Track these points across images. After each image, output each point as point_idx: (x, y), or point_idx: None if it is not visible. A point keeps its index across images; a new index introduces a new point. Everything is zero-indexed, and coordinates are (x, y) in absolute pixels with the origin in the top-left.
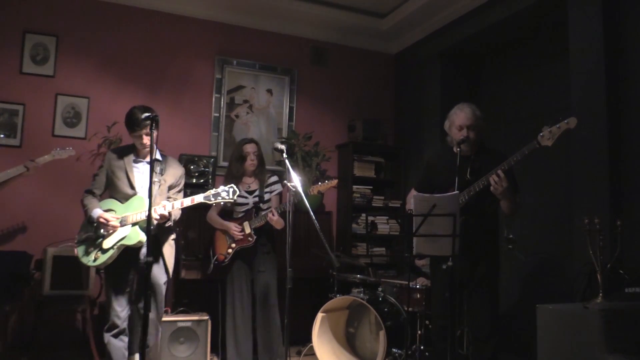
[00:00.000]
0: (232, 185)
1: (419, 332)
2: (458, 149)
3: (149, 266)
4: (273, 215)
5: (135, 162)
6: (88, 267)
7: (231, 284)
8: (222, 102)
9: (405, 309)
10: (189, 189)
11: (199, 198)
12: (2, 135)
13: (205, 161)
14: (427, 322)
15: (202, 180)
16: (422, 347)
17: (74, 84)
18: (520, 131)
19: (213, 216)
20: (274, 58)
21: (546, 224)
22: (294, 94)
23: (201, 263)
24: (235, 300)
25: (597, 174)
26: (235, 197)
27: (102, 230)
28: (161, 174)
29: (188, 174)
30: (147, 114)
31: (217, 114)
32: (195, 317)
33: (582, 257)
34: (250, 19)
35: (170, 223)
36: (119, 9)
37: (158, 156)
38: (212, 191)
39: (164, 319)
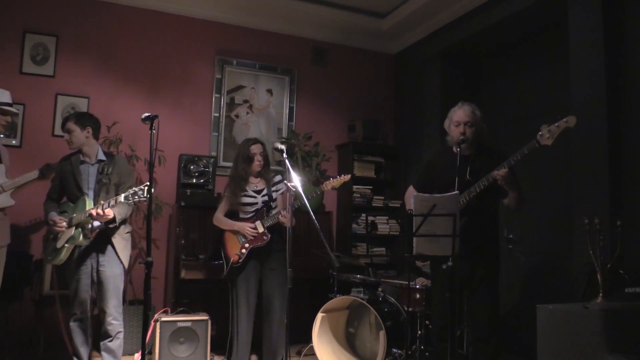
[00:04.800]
0: (147, 183)
1: (419, 332)
2: (458, 149)
3: (148, 266)
4: (285, 214)
5: (82, 164)
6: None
7: (242, 284)
8: (222, 102)
9: (405, 309)
10: (189, 189)
11: (120, 198)
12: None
13: (205, 161)
14: (427, 322)
15: (202, 180)
16: (422, 347)
17: (74, 84)
18: (520, 131)
19: (221, 217)
20: (274, 58)
21: (546, 224)
22: (294, 94)
23: (201, 263)
24: (242, 299)
25: (597, 174)
26: (147, 195)
27: (53, 232)
28: (105, 173)
29: (188, 174)
30: (147, 114)
31: (217, 114)
32: (195, 317)
33: (582, 257)
34: (250, 19)
35: (115, 224)
36: (119, 9)
37: (101, 156)
38: (131, 191)
39: (164, 319)
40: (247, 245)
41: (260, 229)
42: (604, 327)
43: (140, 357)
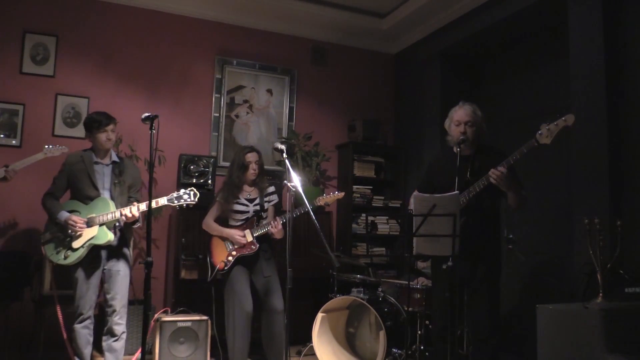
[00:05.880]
0: (193, 188)
1: (419, 332)
2: (458, 149)
3: (148, 266)
4: (276, 225)
5: (96, 164)
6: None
7: (231, 286)
8: (222, 102)
9: (405, 309)
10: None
11: (162, 201)
12: (2, 135)
13: (205, 161)
14: (427, 322)
15: (202, 180)
16: (422, 347)
17: (74, 84)
18: (520, 131)
19: (210, 223)
20: (274, 58)
21: (546, 224)
22: (294, 94)
23: (201, 263)
24: (235, 302)
25: (597, 174)
26: (196, 200)
27: (70, 231)
28: (120, 175)
29: (188, 174)
30: (147, 114)
31: (217, 114)
32: (195, 317)
33: (582, 257)
34: (250, 19)
35: (139, 223)
36: (119, 9)
37: (115, 158)
38: (175, 194)
39: (164, 319)
40: (234, 253)
41: (249, 238)
42: (604, 327)
43: (140, 357)
